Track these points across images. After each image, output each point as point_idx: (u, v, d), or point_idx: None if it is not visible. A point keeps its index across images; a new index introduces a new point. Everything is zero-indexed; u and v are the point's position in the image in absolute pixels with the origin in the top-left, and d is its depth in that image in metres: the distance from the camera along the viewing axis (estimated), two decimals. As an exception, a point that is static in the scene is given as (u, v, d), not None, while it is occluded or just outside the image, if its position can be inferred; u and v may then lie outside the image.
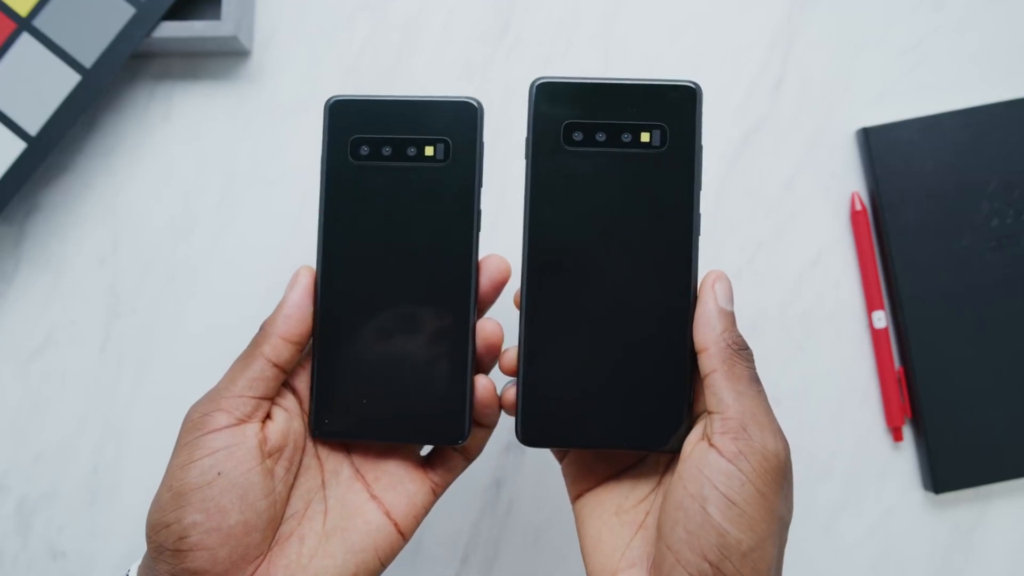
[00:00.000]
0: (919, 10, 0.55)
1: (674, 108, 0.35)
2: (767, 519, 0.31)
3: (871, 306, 0.53)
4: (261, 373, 0.35)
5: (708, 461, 0.32)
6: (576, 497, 0.38)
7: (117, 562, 0.51)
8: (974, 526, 0.52)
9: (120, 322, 0.53)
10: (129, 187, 0.53)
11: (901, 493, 0.52)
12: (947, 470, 0.51)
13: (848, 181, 0.54)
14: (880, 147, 0.52)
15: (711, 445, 0.32)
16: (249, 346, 0.36)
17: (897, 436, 0.52)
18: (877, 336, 0.52)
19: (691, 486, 0.32)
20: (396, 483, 0.38)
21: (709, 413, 0.33)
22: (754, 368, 0.34)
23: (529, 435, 0.36)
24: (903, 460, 0.53)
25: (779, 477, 0.32)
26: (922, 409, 0.51)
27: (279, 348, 0.35)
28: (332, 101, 0.37)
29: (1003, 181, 0.52)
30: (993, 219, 0.52)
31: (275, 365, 0.35)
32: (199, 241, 0.53)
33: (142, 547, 0.51)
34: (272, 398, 0.36)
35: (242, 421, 0.35)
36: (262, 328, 0.36)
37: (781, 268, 0.53)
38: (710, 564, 0.30)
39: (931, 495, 0.52)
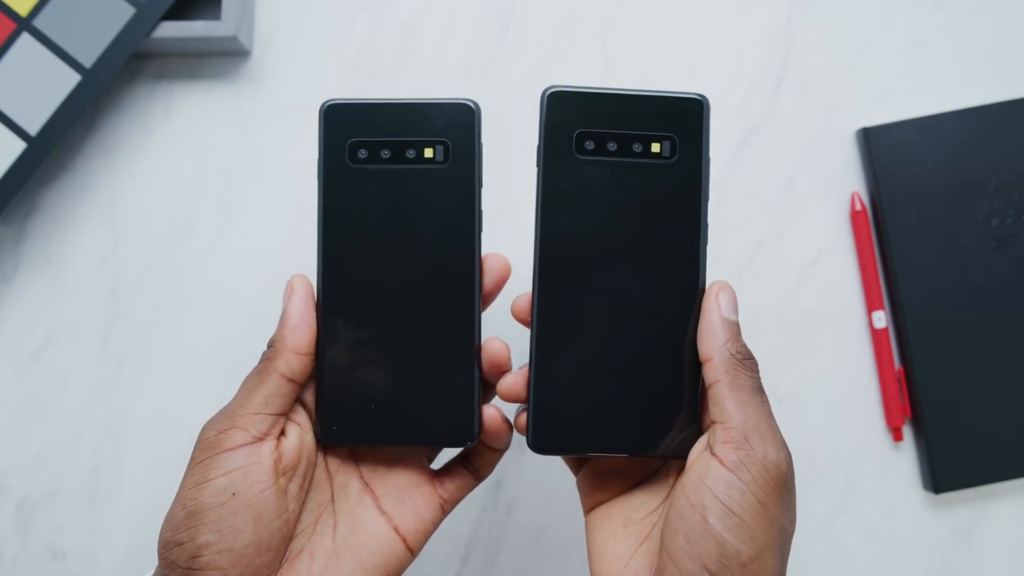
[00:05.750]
0: (919, 10, 0.55)
1: (684, 120, 0.36)
2: (767, 529, 0.31)
3: (871, 306, 0.53)
4: (277, 389, 0.35)
5: (709, 470, 0.32)
6: (589, 510, 0.38)
7: (117, 562, 0.51)
8: (974, 526, 0.52)
9: (120, 322, 0.53)
10: (129, 187, 0.53)
11: (901, 493, 0.52)
12: (947, 470, 0.51)
13: (848, 181, 0.54)
14: (880, 147, 0.52)
15: (713, 455, 0.32)
16: (260, 363, 0.36)
17: (897, 436, 0.52)
18: (877, 336, 0.52)
19: (692, 495, 0.32)
20: (405, 498, 0.37)
21: (712, 423, 0.33)
22: (758, 378, 0.34)
23: (540, 443, 0.36)
24: (903, 460, 0.53)
25: (780, 488, 0.32)
26: (922, 409, 0.51)
27: (293, 362, 0.35)
28: (327, 105, 0.36)
29: (1003, 181, 0.52)
30: (993, 219, 0.52)
31: (290, 380, 0.35)
32: (199, 241, 0.53)
33: (142, 547, 0.51)
34: (287, 413, 0.36)
35: (258, 439, 0.34)
36: (271, 345, 0.36)
37: (781, 268, 0.53)
38: (710, 573, 0.30)
39: (931, 495, 0.52)
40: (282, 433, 0.36)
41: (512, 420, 0.37)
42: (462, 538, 0.52)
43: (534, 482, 0.52)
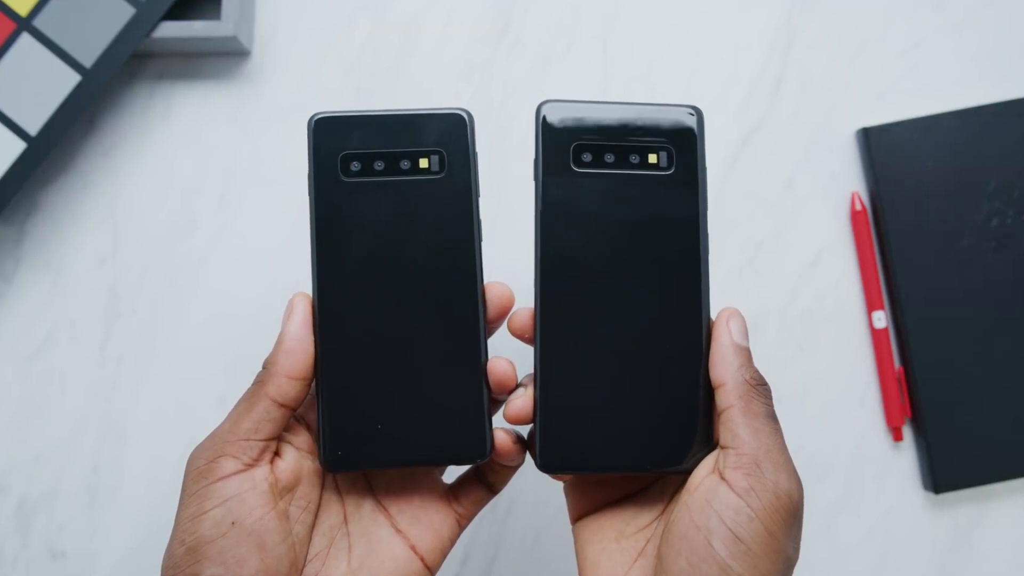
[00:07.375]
0: (919, 10, 0.55)
1: (679, 131, 0.35)
2: (772, 559, 0.31)
3: (871, 306, 0.53)
4: (267, 415, 0.34)
5: (718, 494, 0.31)
6: (576, 519, 0.37)
7: (117, 562, 0.51)
8: (974, 526, 0.52)
9: (120, 322, 0.53)
10: (129, 187, 0.53)
11: (901, 493, 0.52)
12: (947, 470, 0.51)
13: (848, 181, 0.54)
14: (880, 147, 0.52)
15: (722, 478, 0.32)
16: (253, 385, 0.35)
17: (897, 436, 0.52)
18: (877, 336, 0.52)
19: (698, 517, 0.31)
20: (421, 515, 0.37)
21: (723, 448, 0.33)
22: (772, 405, 0.33)
23: (547, 462, 0.35)
24: (903, 460, 0.53)
25: (789, 517, 0.31)
26: (922, 409, 0.51)
27: (284, 387, 0.34)
28: (316, 118, 0.35)
29: (1003, 181, 0.52)
30: (993, 219, 0.52)
31: (281, 405, 0.34)
32: (199, 241, 0.53)
33: (142, 547, 0.51)
34: (279, 437, 0.35)
35: (249, 466, 0.33)
36: (264, 367, 0.35)
37: (781, 268, 0.53)
38: None
39: (931, 495, 0.52)
40: (277, 454, 0.35)
41: (522, 437, 0.37)
42: (462, 538, 0.52)
43: (534, 483, 0.52)
